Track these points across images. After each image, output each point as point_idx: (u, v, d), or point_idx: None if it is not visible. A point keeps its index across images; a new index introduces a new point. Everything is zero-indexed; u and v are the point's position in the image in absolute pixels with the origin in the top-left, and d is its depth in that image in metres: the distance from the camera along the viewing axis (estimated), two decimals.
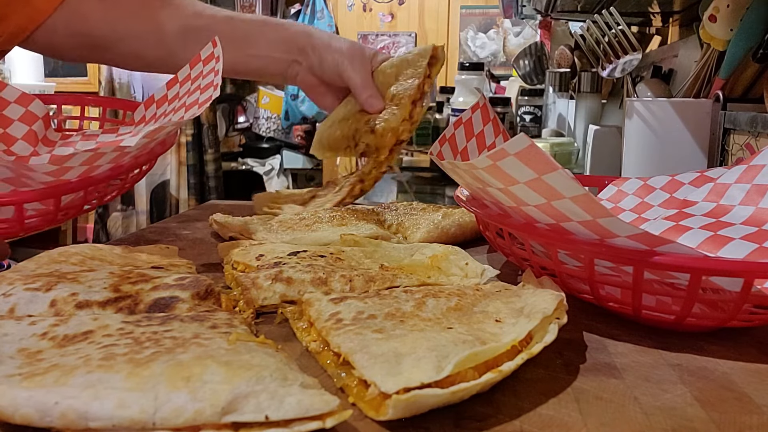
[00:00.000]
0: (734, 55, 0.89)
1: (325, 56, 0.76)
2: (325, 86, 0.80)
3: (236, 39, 0.78)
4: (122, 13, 0.76)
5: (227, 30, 0.77)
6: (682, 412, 0.31)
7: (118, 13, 0.75)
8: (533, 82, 1.89)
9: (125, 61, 0.82)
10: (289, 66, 0.79)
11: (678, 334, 0.41)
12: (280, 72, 0.80)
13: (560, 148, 1.39)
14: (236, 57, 0.78)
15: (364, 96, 0.75)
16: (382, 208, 0.71)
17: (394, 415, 0.28)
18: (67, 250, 0.47)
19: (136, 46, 0.78)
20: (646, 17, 1.46)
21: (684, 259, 0.36)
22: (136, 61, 0.82)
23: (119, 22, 0.75)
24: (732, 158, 0.85)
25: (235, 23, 0.78)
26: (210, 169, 3.26)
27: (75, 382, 0.26)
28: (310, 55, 0.77)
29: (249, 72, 0.83)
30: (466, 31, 3.57)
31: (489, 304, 0.38)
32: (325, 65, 0.77)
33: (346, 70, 0.75)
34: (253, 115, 3.69)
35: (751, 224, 0.47)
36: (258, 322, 0.42)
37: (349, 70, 0.75)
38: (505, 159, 0.36)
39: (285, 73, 0.80)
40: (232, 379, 0.26)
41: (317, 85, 0.80)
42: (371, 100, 0.75)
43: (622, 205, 0.61)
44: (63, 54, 0.80)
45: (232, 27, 0.78)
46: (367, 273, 0.45)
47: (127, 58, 0.80)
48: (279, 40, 0.78)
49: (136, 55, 0.79)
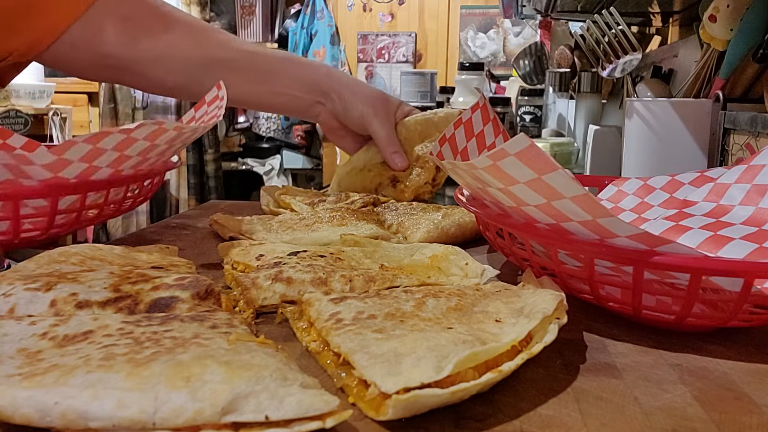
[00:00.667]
0: (734, 55, 0.89)
1: (350, 105, 0.77)
2: (345, 130, 0.80)
3: (259, 74, 0.78)
4: (143, 36, 0.75)
5: (251, 65, 0.78)
6: (682, 412, 0.31)
7: (138, 36, 0.75)
8: (533, 82, 1.89)
9: (146, 84, 0.82)
10: (311, 106, 0.80)
11: (678, 334, 0.41)
12: (302, 110, 0.81)
13: (560, 148, 1.39)
14: (259, 92, 0.79)
15: (389, 151, 0.75)
16: (382, 208, 0.71)
17: (394, 415, 0.28)
18: (67, 250, 0.47)
19: (156, 71, 0.77)
20: (646, 17, 1.46)
21: (684, 259, 0.36)
22: (156, 86, 0.82)
23: (139, 44, 0.75)
24: (732, 158, 0.85)
25: (259, 58, 0.79)
26: (210, 169, 3.27)
27: (75, 382, 0.26)
28: (334, 100, 0.78)
29: (272, 107, 0.84)
30: (466, 31, 3.57)
31: (489, 304, 0.38)
32: (350, 114, 0.77)
33: (372, 123, 0.76)
34: (253, 115, 3.69)
35: (751, 224, 0.47)
36: (258, 322, 0.42)
37: (374, 124, 0.75)
38: (505, 159, 0.36)
39: (307, 112, 0.81)
40: (232, 379, 0.26)
41: (338, 128, 0.80)
42: (396, 158, 0.76)
43: (622, 205, 0.61)
44: (85, 73, 0.79)
45: (256, 62, 0.78)
46: (367, 273, 0.45)
47: (147, 81, 0.80)
48: (301, 79, 0.79)
49: (157, 79, 0.79)
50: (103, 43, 0.73)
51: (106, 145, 0.50)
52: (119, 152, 0.52)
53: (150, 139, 0.52)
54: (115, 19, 0.73)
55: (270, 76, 0.79)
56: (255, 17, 3.48)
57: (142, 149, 0.53)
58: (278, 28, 3.51)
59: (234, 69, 0.76)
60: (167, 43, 0.76)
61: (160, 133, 0.52)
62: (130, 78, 0.80)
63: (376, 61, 3.61)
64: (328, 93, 0.78)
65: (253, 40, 3.47)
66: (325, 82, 0.78)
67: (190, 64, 0.77)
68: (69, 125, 3.33)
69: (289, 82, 0.79)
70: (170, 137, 0.53)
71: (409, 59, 3.59)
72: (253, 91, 0.79)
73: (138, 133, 0.50)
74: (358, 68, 3.60)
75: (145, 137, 0.51)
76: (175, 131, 0.53)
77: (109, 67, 0.76)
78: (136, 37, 0.75)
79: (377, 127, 0.75)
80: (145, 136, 0.51)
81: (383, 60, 3.61)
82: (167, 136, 0.53)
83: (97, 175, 0.53)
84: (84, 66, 0.77)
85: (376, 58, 3.61)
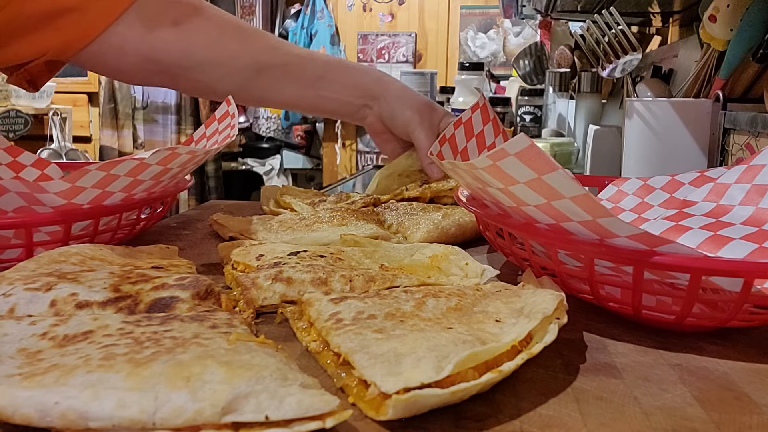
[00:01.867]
0: (734, 55, 0.89)
1: (396, 110, 0.77)
2: (390, 134, 0.80)
3: (309, 79, 0.78)
4: (197, 42, 0.75)
5: (300, 70, 0.78)
6: (682, 412, 0.31)
7: (193, 42, 0.75)
8: (533, 82, 1.89)
9: (194, 89, 0.82)
10: (359, 109, 0.80)
11: (678, 334, 0.41)
12: (350, 114, 0.81)
13: (560, 148, 1.39)
14: (309, 97, 0.79)
15: (428, 161, 0.76)
16: (382, 208, 0.71)
17: (394, 415, 0.28)
18: (67, 250, 0.47)
19: (206, 76, 0.77)
20: (646, 17, 1.46)
21: (684, 259, 0.36)
22: (205, 91, 0.82)
23: (193, 50, 0.75)
24: (732, 158, 0.85)
25: (308, 63, 0.79)
26: (210, 169, 3.27)
27: (75, 382, 0.26)
28: (382, 104, 0.78)
29: (322, 111, 0.84)
30: (466, 31, 3.58)
31: (489, 304, 0.38)
32: (396, 119, 0.77)
33: (415, 130, 0.76)
34: (253, 115, 3.69)
35: (751, 224, 0.47)
36: (258, 322, 0.42)
37: (418, 131, 0.76)
38: (505, 159, 0.36)
39: (354, 115, 0.81)
40: (232, 379, 0.26)
41: (383, 132, 0.80)
42: (434, 167, 0.76)
43: (622, 205, 0.61)
44: (131, 77, 0.79)
45: (306, 67, 0.78)
46: (367, 273, 0.45)
47: (196, 86, 0.80)
48: (352, 84, 0.79)
49: (206, 85, 0.79)
50: (157, 50, 0.73)
51: (120, 171, 0.50)
52: (132, 177, 0.51)
53: (163, 163, 0.51)
54: (164, 23, 0.73)
55: (320, 81, 0.79)
56: (255, 17, 3.48)
57: (156, 173, 0.53)
58: (278, 28, 3.52)
59: (284, 74, 0.77)
60: (219, 49, 0.76)
61: (173, 158, 0.52)
62: (180, 83, 0.80)
63: (376, 61, 3.61)
64: (377, 97, 0.78)
65: None
66: (374, 87, 0.79)
67: (240, 70, 0.76)
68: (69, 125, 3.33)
69: (340, 87, 0.79)
70: (183, 161, 0.53)
71: (409, 59, 3.59)
72: (302, 95, 0.79)
73: (151, 158, 0.50)
74: None
75: (158, 162, 0.51)
76: (188, 155, 0.53)
77: (159, 72, 0.76)
78: (190, 44, 0.74)
79: (420, 135, 0.76)
80: (158, 161, 0.51)
81: (383, 60, 3.62)
82: (180, 160, 0.53)
83: (110, 200, 0.53)
84: (134, 72, 0.76)
85: (376, 58, 3.61)
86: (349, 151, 3.67)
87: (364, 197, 0.74)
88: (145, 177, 0.52)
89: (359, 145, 3.66)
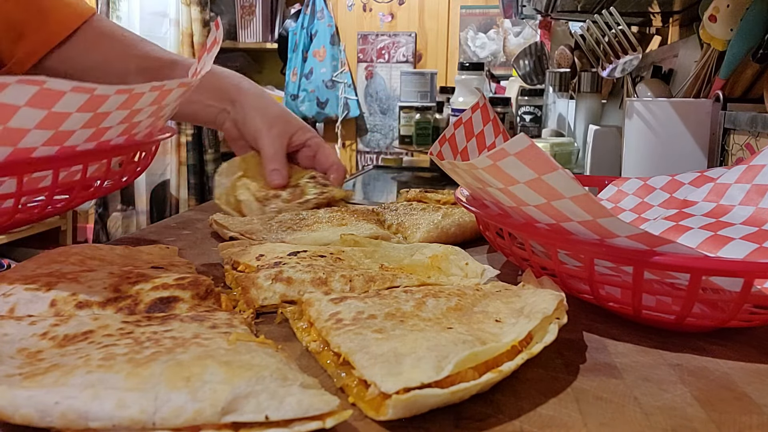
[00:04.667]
0: (734, 55, 0.89)
1: (248, 117, 0.78)
2: (245, 141, 0.81)
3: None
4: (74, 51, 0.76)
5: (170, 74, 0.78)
6: (682, 412, 0.31)
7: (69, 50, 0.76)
8: (533, 82, 1.89)
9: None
10: (219, 113, 0.80)
11: (678, 334, 0.41)
12: (210, 119, 0.82)
13: (560, 148, 1.38)
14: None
15: (270, 168, 0.76)
16: (382, 208, 0.71)
17: (394, 415, 0.28)
18: (67, 250, 0.47)
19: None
20: (646, 17, 1.46)
21: (684, 259, 0.36)
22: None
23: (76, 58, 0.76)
24: (732, 158, 0.85)
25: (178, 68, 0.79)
26: (210, 169, 3.26)
27: (75, 382, 0.26)
28: (238, 109, 0.79)
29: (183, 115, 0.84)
30: (466, 31, 3.57)
31: (489, 304, 0.38)
32: (247, 125, 0.78)
33: (262, 137, 0.76)
34: None
35: (751, 224, 0.47)
36: (258, 322, 0.42)
37: (264, 138, 0.76)
38: (505, 159, 0.36)
39: (215, 120, 0.81)
40: (232, 379, 0.26)
41: (239, 138, 0.81)
42: (274, 175, 0.76)
43: (622, 205, 0.61)
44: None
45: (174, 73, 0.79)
46: (367, 273, 0.45)
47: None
48: (212, 88, 0.79)
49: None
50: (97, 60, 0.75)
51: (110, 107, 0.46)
52: (128, 109, 0.49)
53: (158, 102, 0.50)
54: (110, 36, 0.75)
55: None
56: (255, 17, 3.47)
57: (150, 113, 0.51)
58: (278, 28, 3.51)
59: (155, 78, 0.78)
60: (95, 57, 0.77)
61: (165, 95, 0.50)
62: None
63: (376, 61, 3.61)
64: (234, 101, 0.79)
65: (253, 40, 3.46)
66: (233, 91, 0.79)
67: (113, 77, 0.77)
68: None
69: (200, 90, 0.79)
70: (177, 95, 0.52)
71: (409, 59, 3.59)
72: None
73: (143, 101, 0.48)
74: (358, 68, 3.60)
75: (152, 103, 0.50)
76: (181, 88, 0.52)
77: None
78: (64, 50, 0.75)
79: (266, 141, 0.76)
80: (151, 102, 0.49)
81: (383, 60, 3.61)
82: (174, 95, 0.52)
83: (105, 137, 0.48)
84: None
85: (376, 58, 3.61)
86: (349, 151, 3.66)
87: (318, 196, 0.74)
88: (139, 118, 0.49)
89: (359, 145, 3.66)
